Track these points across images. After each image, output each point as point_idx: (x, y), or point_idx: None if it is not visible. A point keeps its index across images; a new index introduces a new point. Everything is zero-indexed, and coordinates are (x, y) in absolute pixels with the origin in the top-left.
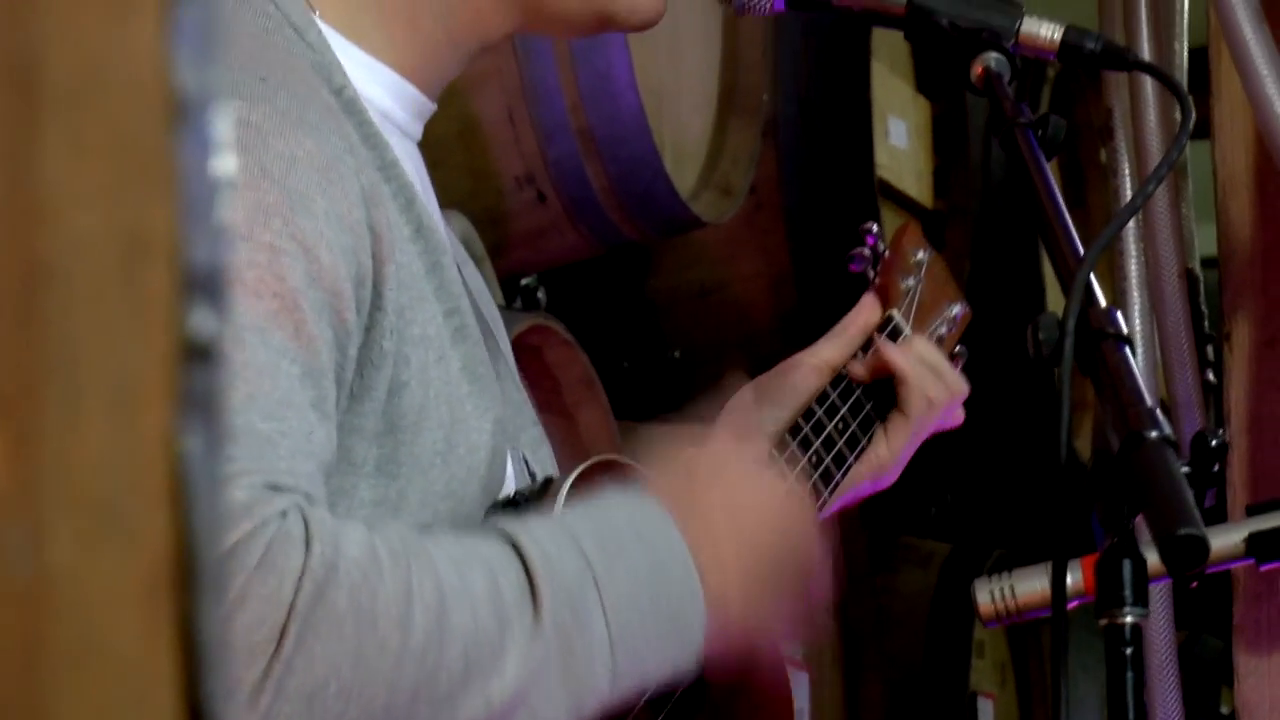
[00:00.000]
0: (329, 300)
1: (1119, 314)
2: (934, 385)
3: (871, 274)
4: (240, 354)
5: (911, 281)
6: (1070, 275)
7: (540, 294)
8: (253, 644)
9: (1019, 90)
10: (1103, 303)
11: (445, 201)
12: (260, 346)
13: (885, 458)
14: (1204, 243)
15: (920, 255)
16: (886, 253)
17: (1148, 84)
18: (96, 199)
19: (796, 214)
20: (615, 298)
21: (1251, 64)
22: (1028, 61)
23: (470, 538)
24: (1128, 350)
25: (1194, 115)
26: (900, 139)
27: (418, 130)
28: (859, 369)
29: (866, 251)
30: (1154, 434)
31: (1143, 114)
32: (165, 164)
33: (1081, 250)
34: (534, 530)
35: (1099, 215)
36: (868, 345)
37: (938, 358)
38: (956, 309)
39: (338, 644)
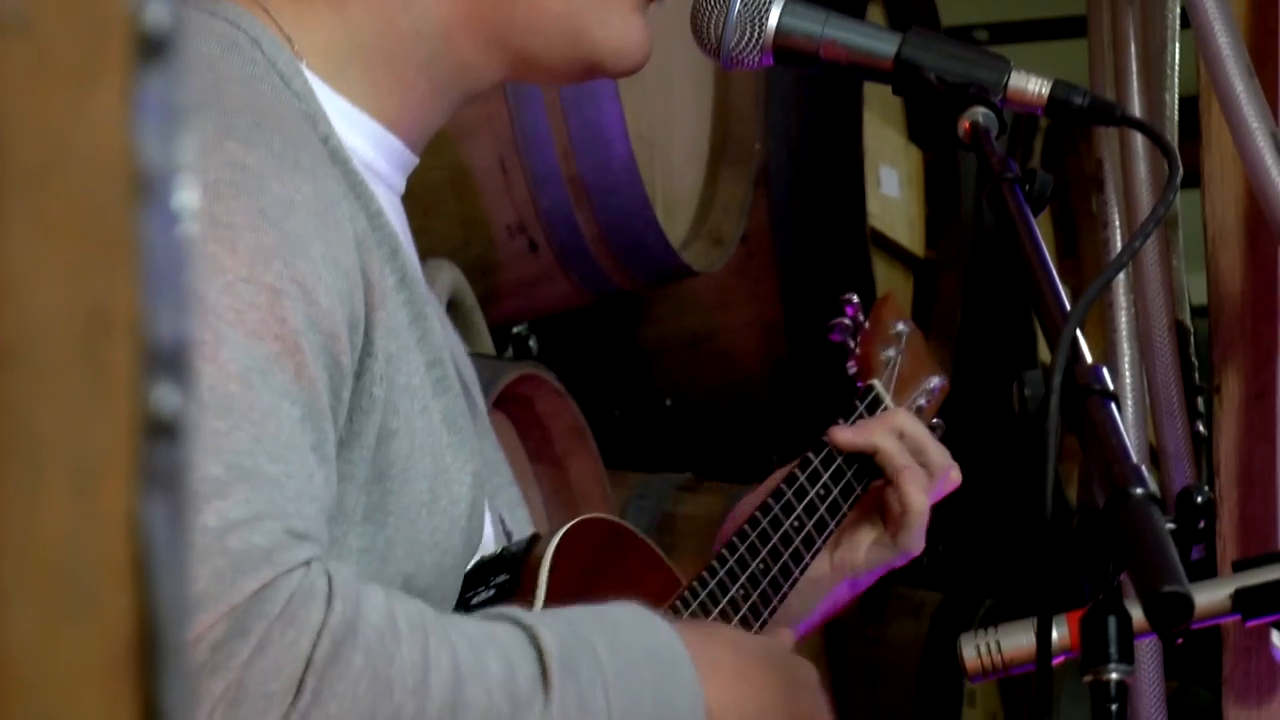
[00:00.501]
0: (327, 343)
1: (1104, 371)
2: (924, 484)
3: (851, 344)
4: (244, 395)
5: (892, 352)
6: (1056, 332)
7: (532, 342)
8: (269, 693)
9: (1011, 139)
10: (1089, 359)
11: (437, 250)
12: (264, 388)
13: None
14: (1195, 292)
15: (900, 327)
16: (866, 324)
17: (1137, 136)
18: (59, 277)
19: (788, 263)
20: (606, 346)
21: (1242, 117)
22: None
23: (487, 621)
24: (1113, 407)
25: (1181, 171)
26: (892, 188)
27: (400, 183)
28: (845, 436)
29: (847, 321)
30: (1139, 491)
31: (1133, 166)
32: (128, 240)
33: (1068, 306)
34: (550, 622)
35: (1091, 265)
36: (851, 413)
37: (921, 433)
38: (935, 381)
39: (352, 704)
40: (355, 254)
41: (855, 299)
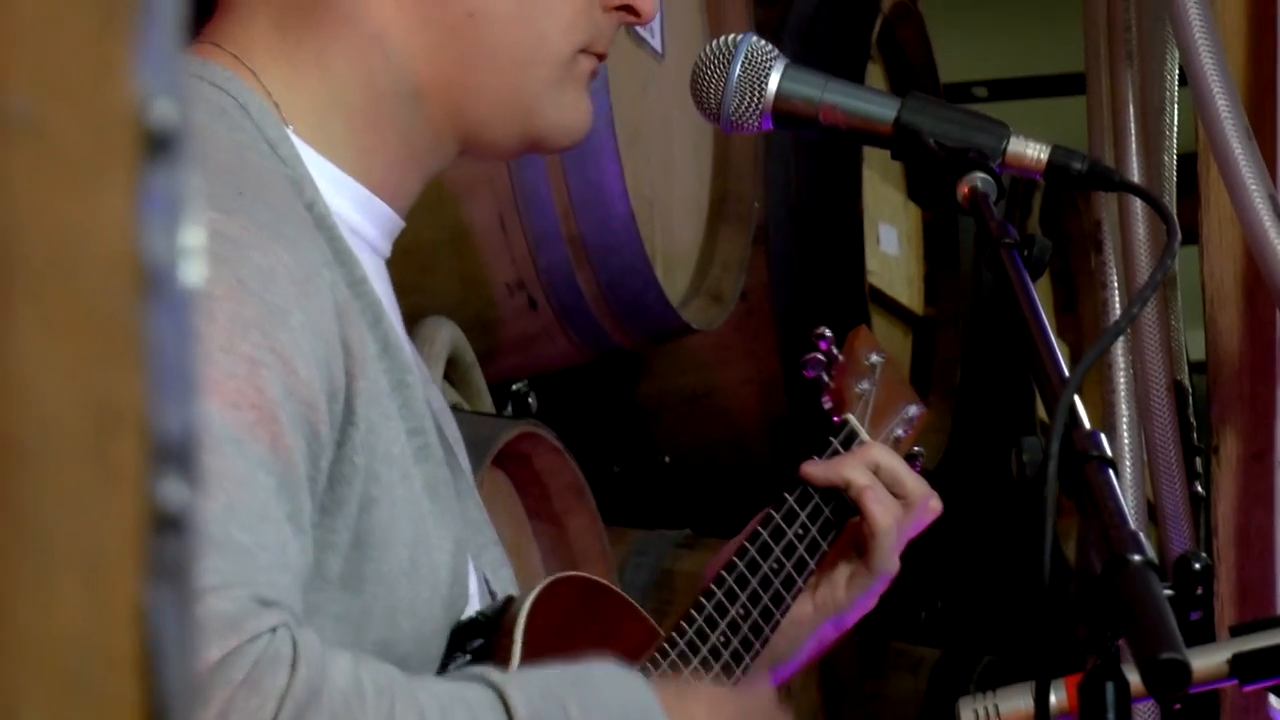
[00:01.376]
0: (305, 413)
1: (1103, 436)
2: (889, 504)
3: (826, 379)
4: (219, 464)
5: (866, 385)
6: (1055, 397)
7: (531, 399)
8: None
9: (1010, 196)
10: (1087, 424)
11: (436, 307)
12: (238, 458)
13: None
14: (1193, 348)
15: (874, 358)
16: (840, 357)
17: (1136, 197)
18: (67, 374)
19: (787, 320)
20: (605, 402)
21: (1240, 179)
22: None
23: (456, 682)
24: (1111, 473)
25: (1179, 237)
26: (891, 245)
27: (386, 247)
28: (817, 471)
29: (820, 356)
30: (1136, 558)
31: (1131, 227)
32: (135, 335)
33: (1066, 372)
34: (521, 681)
35: (1090, 322)
36: (825, 448)
37: (897, 465)
38: (912, 410)
39: None
40: (336, 323)
41: (828, 333)
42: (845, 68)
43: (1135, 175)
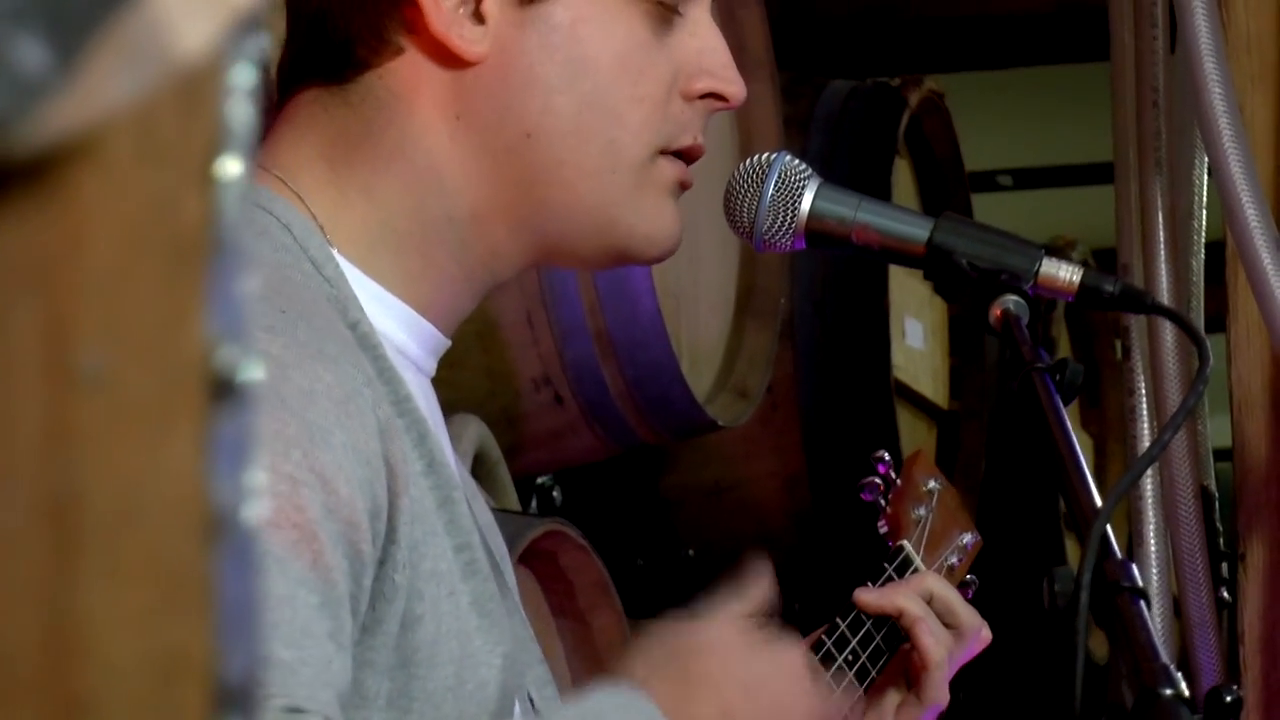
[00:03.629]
0: (346, 532)
1: (1134, 567)
2: (941, 636)
3: (883, 503)
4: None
5: (923, 511)
6: (1087, 526)
7: (556, 492)
8: None
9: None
10: (1119, 555)
11: (463, 402)
12: (280, 576)
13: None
14: (1218, 435)
15: (931, 484)
16: (898, 481)
17: (1164, 297)
18: (133, 624)
19: (812, 414)
20: (630, 495)
21: (1268, 288)
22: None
23: None
24: (1143, 604)
25: (1211, 362)
26: (917, 340)
27: (431, 366)
28: (870, 599)
29: (878, 480)
30: (1168, 691)
31: (1159, 335)
32: (202, 582)
33: (1098, 502)
34: None
35: (1114, 413)
36: (879, 574)
37: (950, 595)
38: (967, 538)
39: None
40: (378, 441)
41: (886, 456)
42: (872, 162)
43: (1164, 282)
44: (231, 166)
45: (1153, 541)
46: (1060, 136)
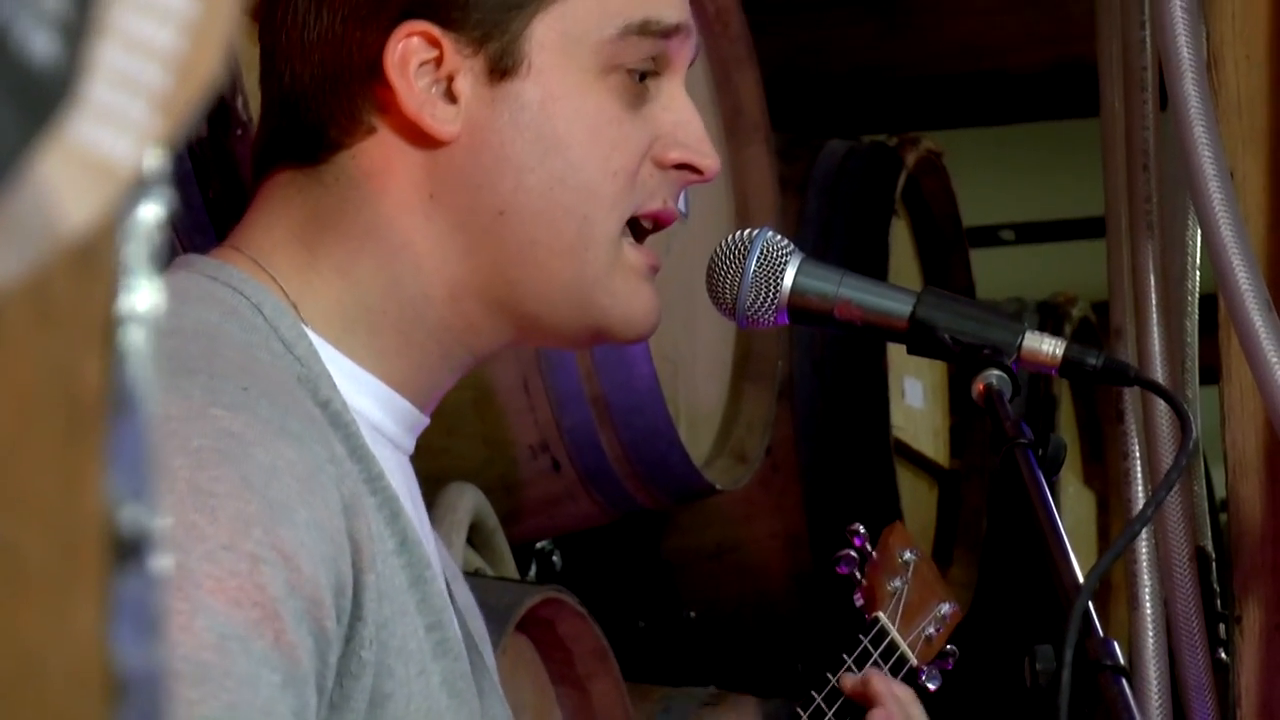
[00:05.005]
0: (309, 609)
1: (1115, 645)
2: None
3: (859, 576)
4: (222, 662)
5: (898, 583)
6: (1068, 604)
7: (555, 557)
8: None
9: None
10: (1100, 633)
11: (459, 469)
12: (242, 655)
13: None
14: (1215, 486)
15: (907, 555)
16: (874, 554)
17: (1156, 360)
18: None
19: (812, 476)
20: (629, 557)
21: (1261, 353)
22: (1046, 314)
23: None
24: (1125, 683)
25: (1195, 435)
26: (916, 399)
27: (409, 443)
28: (847, 683)
29: (853, 553)
30: None
31: (1151, 397)
32: None
33: (1080, 578)
34: None
35: (1117, 470)
36: (855, 647)
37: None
38: (945, 608)
39: None
40: (342, 518)
41: (862, 529)
42: (869, 223)
43: (1156, 345)
44: (131, 324)
45: (1148, 604)
46: (1061, 191)
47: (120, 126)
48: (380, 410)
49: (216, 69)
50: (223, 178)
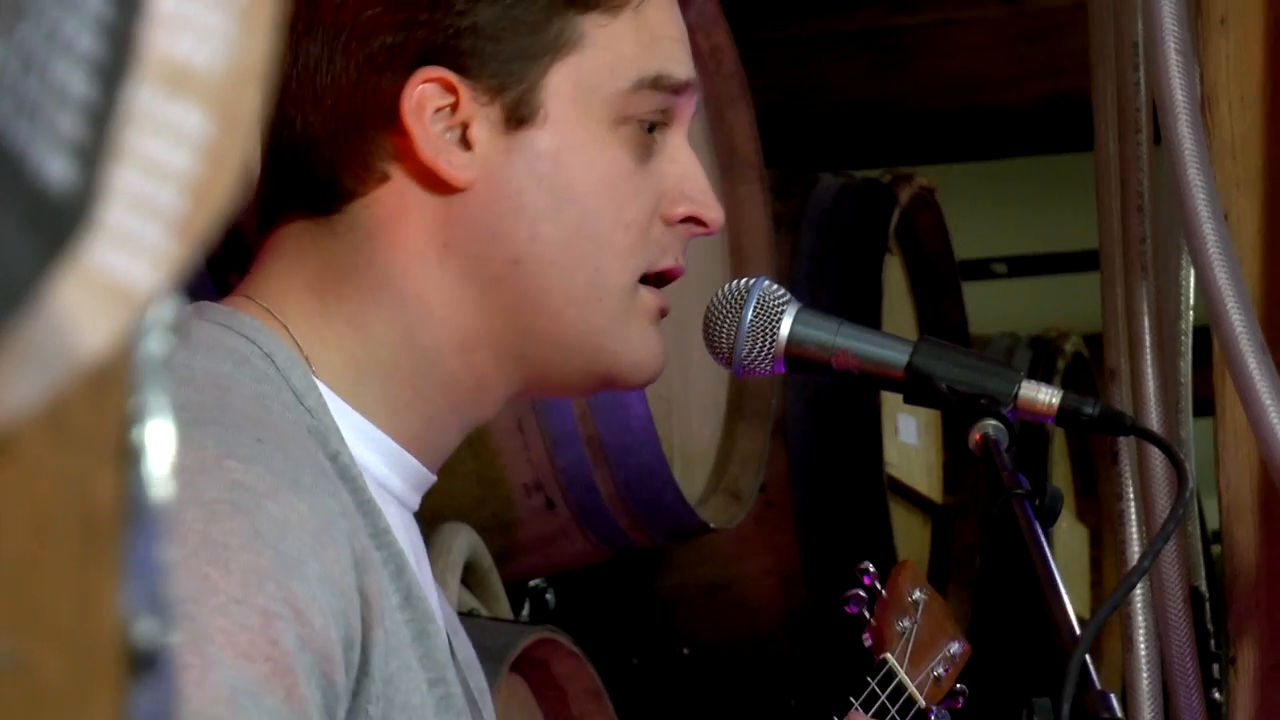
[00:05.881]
0: (319, 663)
1: (1113, 698)
2: None
3: (868, 615)
4: (235, 718)
5: (907, 622)
6: (1065, 655)
7: (549, 595)
8: None
9: (1031, 373)
10: (1098, 685)
11: (454, 508)
12: (254, 710)
13: None
14: (1209, 517)
15: (917, 594)
16: (883, 593)
17: (1151, 402)
18: None
19: (806, 513)
20: (624, 594)
21: (1255, 395)
22: (1040, 349)
23: None
24: None
25: (1190, 485)
26: (910, 436)
27: (415, 500)
28: None
29: (862, 592)
30: None
31: (1146, 445)
32: None
33: (1077, 630)
34: None
35: (1110, 505)
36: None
37: None
38: (955, 647)
39: None
40: (353, 573)
41: (871, 568)
42: (863, 259)
43: (1150, 387)
44: (147, 439)
45: (1143, 644)
46: (1055, 224)
47: (136, 250)
48: (388, 466)
49: (232, 191)
50: None
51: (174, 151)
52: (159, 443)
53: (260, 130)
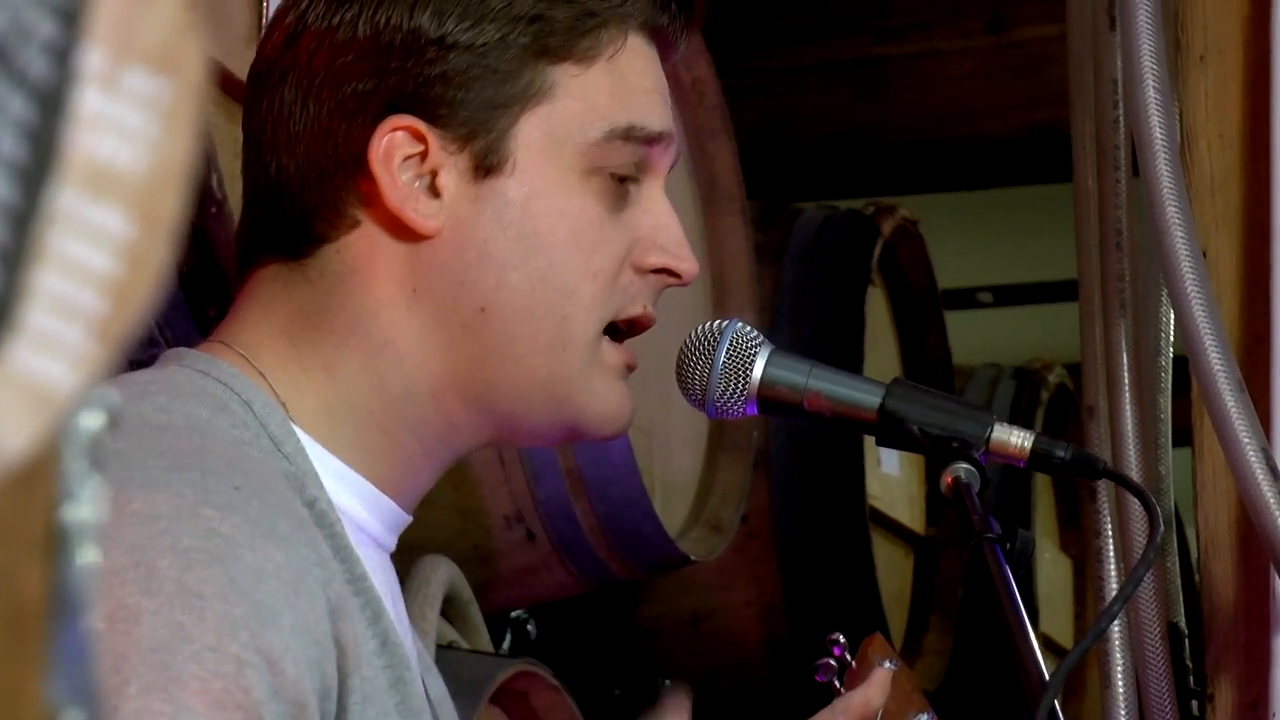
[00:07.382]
0: (292, 712)
1: None
2: None
3: (837, 685)
4: None
5: None
6: (1034, 700)
7: (530, 626)
8: None
9: (1014, 404)
10: None
11: (434, 539)
12: None
13: None
14: (1192, 547)
15: (887, 665)
16: (853, 663)
17: (1129, 439)
18: None
19: (787, 544)
20: (605, 624)
21: (1233, 432)
22: (1023, 380)
23: None
24: None
25: (1162, 530)
26: (892, 467)
27: (391, 541)
28: None
29: (832, 662)
30: None
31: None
32: None
33: (1046, 674)
34: None
35: (1092, 536)
36: None
37: None
38: (923, 719)
39: None
40: (328, 621)
41: (841, 639)
42: (845, 291)
43: (1129, 424)
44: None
45: (1120, 681)
46: (1039, 254)
47: (57, 353)
48: (365, 509)
49: (152, 293)
50: (197, 255)
51: (96, 253)
52: (85, 534)
53: (241, 175)
